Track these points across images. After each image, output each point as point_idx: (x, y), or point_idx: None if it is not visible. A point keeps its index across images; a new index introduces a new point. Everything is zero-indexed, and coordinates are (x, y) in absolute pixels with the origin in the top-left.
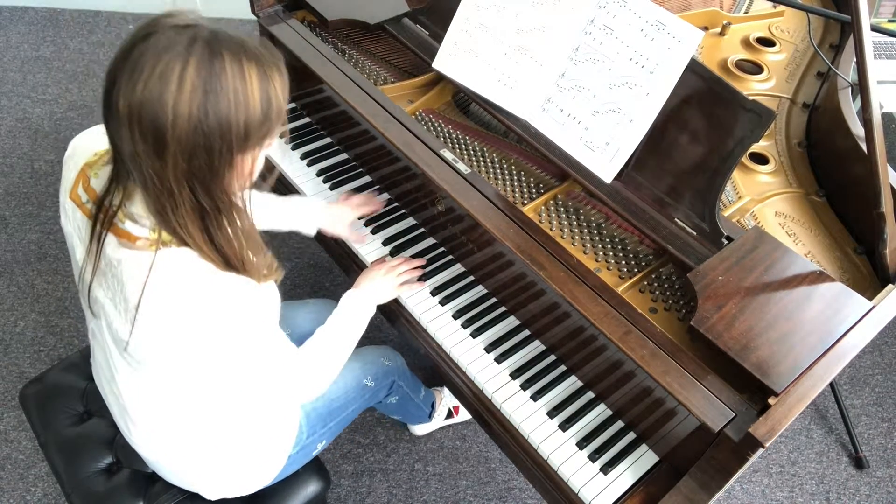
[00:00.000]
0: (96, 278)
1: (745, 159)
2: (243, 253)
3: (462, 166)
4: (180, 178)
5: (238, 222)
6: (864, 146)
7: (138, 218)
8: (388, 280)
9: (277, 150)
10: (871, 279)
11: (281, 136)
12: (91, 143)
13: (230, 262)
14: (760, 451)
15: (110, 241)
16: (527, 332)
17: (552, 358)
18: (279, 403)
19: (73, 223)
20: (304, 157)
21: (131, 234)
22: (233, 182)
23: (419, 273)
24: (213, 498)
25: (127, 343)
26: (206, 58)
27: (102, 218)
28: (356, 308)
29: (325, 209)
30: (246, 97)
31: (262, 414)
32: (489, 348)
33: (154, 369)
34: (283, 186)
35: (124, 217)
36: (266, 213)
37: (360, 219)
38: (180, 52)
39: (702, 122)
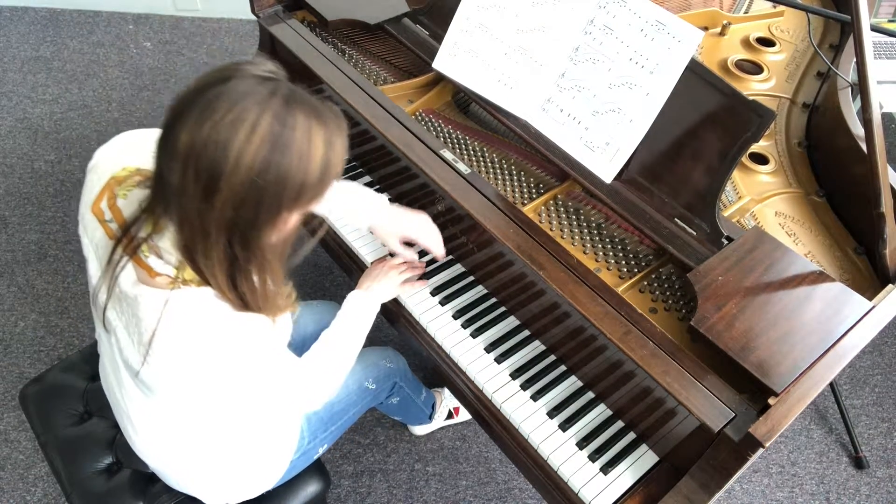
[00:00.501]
0: (111, 302)
1: (745, 159)
2: (264, 296)
3: (462, 166)
4: (221, 225)
5: (268, 281)
6: (864, 146)
7: (164, 253)
8: (390, 278)
9: None
10: (871, 279)
11: None
12: (119, 155)
13: (248, 305)
14: (760, 451)
15: (128, 272)
16: (527, 333)
17: (552, 358)
18: (291, 413)
19: (91, 237)
20: None
21: (153, 268)
22: (271, 239)
23: (420, 272)
24: (215, 503)
25: (138, 372)
26: (282, 113)
27: (126, 244)
28: (361, 308)
29: (387, 212)
30: (309, 158)
31: (265, 422)
32: (489, 348)
33: (163, 397)
34: None
35: (149, 250)
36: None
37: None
38: (258, 102)
39: (702, 123)
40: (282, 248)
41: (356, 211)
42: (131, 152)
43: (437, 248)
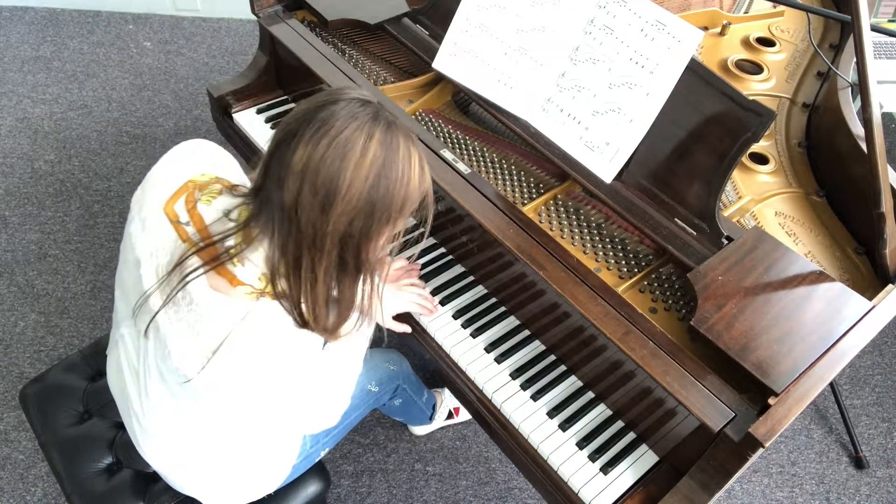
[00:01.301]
0: (166, 307)
1: (745, 159)
2: (338, 321)
3: (462, 166)
4: (335, 236)
5: (371, 288)
6: (864, 146)
7: (249, 264)
8: (400, 294)
9: None
10: (871, 279)
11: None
12: (196, 159)
13: (322, 325)
14: (760, 451)
15: (201, 280)
16: (527, 333)
17: (552, 358)
18: (295, 431)
19: (152, 235)
20: None
21: (236, 277)
22: (377, 249)
23: (416, 274)
24: None
25: (189, 379)
26: (387, 135)
27: (207, 251)
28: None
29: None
30: (410, 175)
31: (273, 431)
32: (489, 348)
33: (202, 404)
34: None
35: (237, 260)
36: None
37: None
38: (367, 123)
39: (702, 122)
40: (381, 256)
41: None
42: (207, 159)
43: (427, 308)
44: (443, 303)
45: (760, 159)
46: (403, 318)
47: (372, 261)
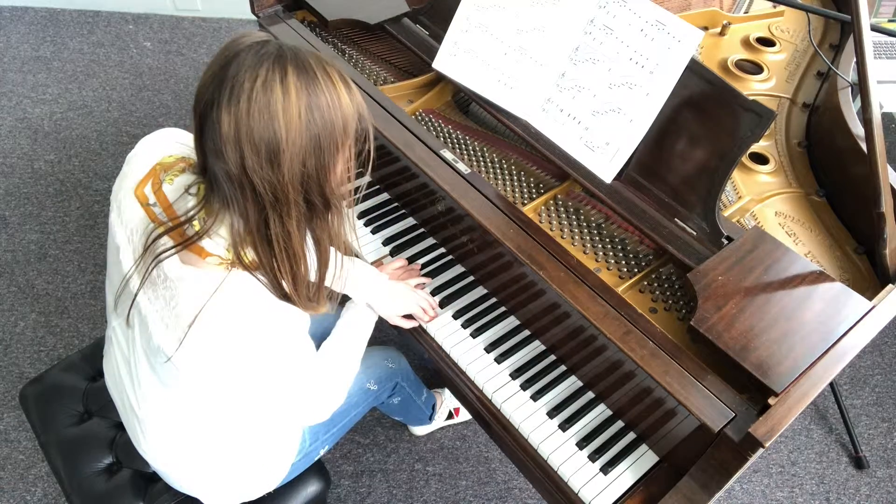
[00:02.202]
0: (143, 288)
1: (745, 159)
2: (318, 284)
3: (462, 166)
4: (295, 183)
5: (343, 222)
6: (864, 146)
7: (215, 236)
8: (409, 295)
9: None
10: (871, 279)
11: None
12: (164, 143)
13: (299, 289)
14: (760, 451)
15: (174, 258)
16: (527, 333)
17: (552, 358)
18: (294, 422)
19: (128, 222)
20: None
21: (204, 249)
22: (339, 180)
23: (416, 275)
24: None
25: (169, 357)
26: (299, 64)
27: (174, 230)
28: (365, 319)
29: (388, 285)
30: (338, 95)
31: (270, 426)
32: (489, 348)
33: (187, 385)
34: None
35: (203, 235)
36: None
37: (366, 225)
38: (276, 62)
39: (702, 123)
40: (345, 189)
41: (354, 287)
42: (175, 143)
43: (429, 314)
44: (443, 303)
45: (760, 159)
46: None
47: (337, 192)
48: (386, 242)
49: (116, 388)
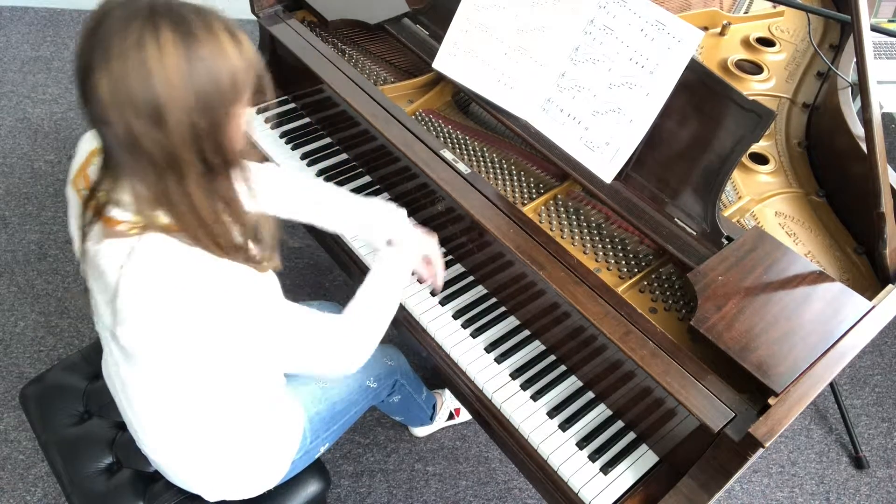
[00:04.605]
0: (88, 269)
1: (745, 159)
2: (243, 236)
3: (462, 166)
4: (186, 140)
5: (245, 181)
6: (864, 146)
7: (123, 203)
8: (427, 239)
9: (277, 151)
10: (871, 279)
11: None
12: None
13: (226, 244)
14: (760, 451)
15: (94, 230)
16: (527, 333)
17: (552, 358)
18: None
19: (72, 215)
20: (304, 157)
21: (113, 218)
22: (235, 136)
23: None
24: (215, 500)
25: (115, 335)
26: (173, 19)
27: (94, 205)
28: (397, 266)
29: (410, 224)
30: (222, 48)
31: (267, 418)
32: (489, 348)
33: (147, 361)
34: None
35: (110, 204)
36: (337, 216)
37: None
38: (147, 17)
39: (702, 123)
40: (246, 145)
41: (372, 226)
42: None
43: (441, 276)
44: (443, 303)
45: (760, 159)
46: (401, 317)
47: (237, 149)
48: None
49: (110, 381)
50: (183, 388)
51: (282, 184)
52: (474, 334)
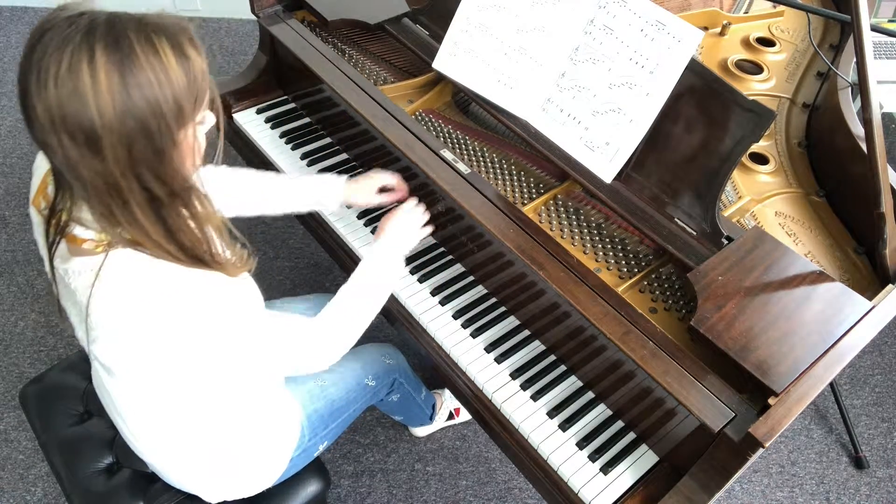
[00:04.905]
0: (59, 288)
1: (745, 159)
2: (208, 243)
3: (462, 166)
4: (125, 169)
5: (198, 206)
6: (864, 146)
7: (85, 221)
8: (413, 218)
9: (277, 150)
10: (871, 279)
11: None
12: None
13: (195, 254)
14: (760, 451)
15: (61, 250)
16: (527, 333)
17: (552, 358)
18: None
19: (35, 232)
20: (303, 157)
21: (77, 237)
22: (184, 163)
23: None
24: (215, 501)
25: (90, 351)
26: (112, 41)
27: (55, 224)
28: (385, 257)
29: (347, 181)
30: (165, 70)
31: (264, 417)
32: (489, 348)
33: (126, 374)
34: None
35: (71, 222)
36: (287, 194)
37: (359, 218)
38: (82, 41)
39: (702, 123)
40: (195, 167)
41: (324, 196)
42: None
43: (397, 180)
44: (443, 303)
45: (760, 159)
46: (400, 317)
47: (186, 174)
48: None
49: (98, 384)
50: (168, 396)
51: (222, 184)
52: (474, 334)
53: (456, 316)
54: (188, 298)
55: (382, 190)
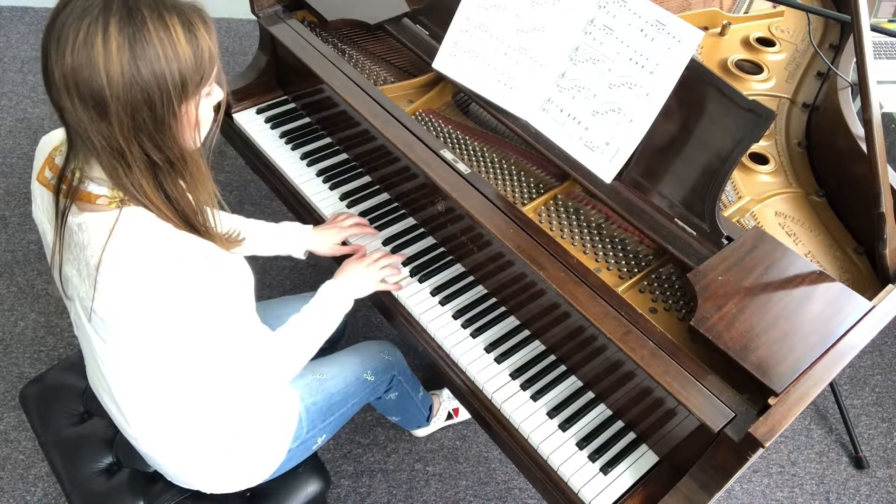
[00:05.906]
0: (65, 254)
1: (745, 159)
2: (202, 214)
3: (462, 166)
4: (128, 135)
5: (194, 175)
6: (864, 146)
7: (97, 179)
8: (368, 273)
9: (277, 150)
10: (871, 279)
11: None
12: (60, 133)
13: (191, 222)
14: (760, 451)
15: (73, 209)
16: (527, 332)
17: (552, 358)
18: (246, 386)
19: (42, 207)
20: (304, 157)
21: (91, 193)
22: (183, 134)
23: (398, 268)
24: (213, 492)
25: (92, 310)
26: (126, 15)
27: (66, 189)
28: (333, 300)
29: (312, 232)
30: (174, 46)
31: (259, 406)
32: (489, 348)
33: (123, 339)
34: (284, 186)
35: (84, 180)
36: (254, 239)
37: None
38: (98, 14)
39: (702, 123)
40: (196, 142)
41: (286, 247)
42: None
43: (363, 228)
44: (443, 303)
45: (760, 159)
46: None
47: (186, 146)
48: (386, 242)
49: (93, 378)
50: (161, 372)
51: None
52: (474, 334)
53: (456, 316)
54: (192, 259)
55: (345, 243)
